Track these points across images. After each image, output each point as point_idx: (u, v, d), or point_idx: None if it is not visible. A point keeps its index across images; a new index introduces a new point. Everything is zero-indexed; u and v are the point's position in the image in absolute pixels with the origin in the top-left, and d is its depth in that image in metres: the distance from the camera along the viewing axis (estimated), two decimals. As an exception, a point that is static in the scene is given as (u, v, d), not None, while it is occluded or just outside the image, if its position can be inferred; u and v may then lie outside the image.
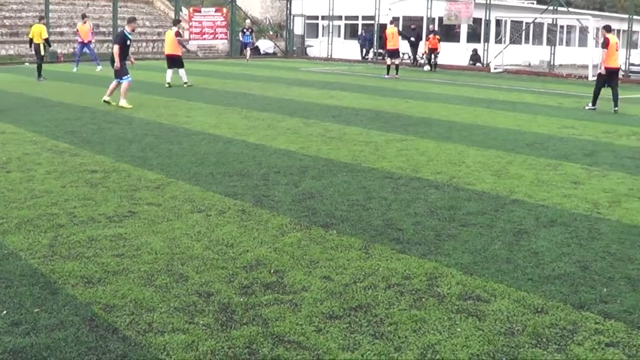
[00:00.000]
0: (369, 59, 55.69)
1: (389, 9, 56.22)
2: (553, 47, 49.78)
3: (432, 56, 44.86)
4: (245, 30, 49.43)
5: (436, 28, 50.15)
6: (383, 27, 54.73)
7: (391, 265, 7.74)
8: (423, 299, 6.80)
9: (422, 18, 52.99)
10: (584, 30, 55.66)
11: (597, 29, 48.75)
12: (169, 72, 28.53)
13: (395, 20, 45.39)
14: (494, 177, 12.41)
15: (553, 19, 51.85)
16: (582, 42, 60.38)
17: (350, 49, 58.16)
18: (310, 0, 61.00)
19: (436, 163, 13.46)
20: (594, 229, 9.42)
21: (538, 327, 6.27)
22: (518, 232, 9.11)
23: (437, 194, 11.06)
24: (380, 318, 6.33)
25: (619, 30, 68.48)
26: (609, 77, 24.24)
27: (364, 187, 11.29)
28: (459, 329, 6.16)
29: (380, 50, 54.25)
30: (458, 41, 54.85)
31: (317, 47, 61.79)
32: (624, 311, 6.71)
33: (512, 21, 55.20)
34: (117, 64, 21.04)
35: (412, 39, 48.57)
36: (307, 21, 62.75)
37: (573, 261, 8.10)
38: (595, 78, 38.47)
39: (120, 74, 21.23)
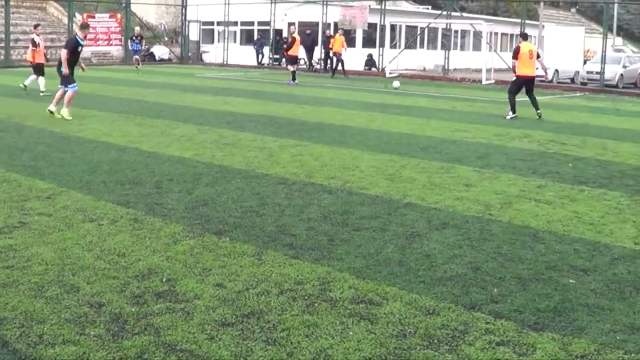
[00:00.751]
0: (265, 65, 55.67)
1: (285, 14, 56.32)
2: (447, 51, 50.46)
3: (335, 60, 44.61)
4: (134, 38, 47.45)
5: (332, 33, 50.43)
6: (278, 32, 54.99)
7: (284, 271, 7.74)
8: (316, 304, 6.81)
9: (317, 23, 53.13)
10: (477, 35, 56.44)
11: (490, 33, 49.71)
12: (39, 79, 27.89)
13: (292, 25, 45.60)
14: (387, 181, 12.52)
15: (447, 24, 52.52)
16: (476, 47, 61.29)
17: (246, 55, 58.08)
18: (205, 6, 60.70)
19: (330, 168, 13.51)
20: (486, 231, 9.58)
21: (430, 328, 6.34)
22: (410, 235, 9.20)
23: (331, 198, 11.10)
24: (273, 324, 6.32)
25: (512, 35, 69.88)
26: (524, 85, 24.53)
27: (257, 194, 11.28)
28: (351, 333, 6.18)
29: (277, 56, 54.44)
30: (354, 46, 55.16)
31: (212, 53, 61.54)
32: (514, 310, 6.83)
33: (406, 26, 55.80)
34: (65, 70, 20.42)
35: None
36: (202, 27, 62.44)
37: (465, 262, 8.22)
38: (492, 82, 39.26)
39: (66, 82, 20.60)
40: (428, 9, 68.28)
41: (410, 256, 8.36)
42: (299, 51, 38.24)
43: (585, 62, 47.77)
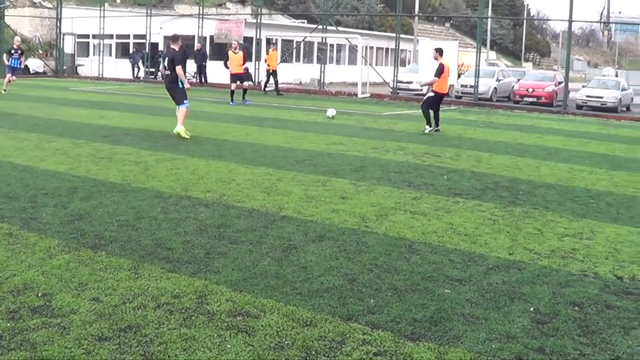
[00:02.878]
0: (141, 78, 55.21)
1: (161, 28, 55.97)
2: (323, 65, 50.79)
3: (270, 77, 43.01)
4: (13, 51, 36.65)
5: (206, 47, 50.32)
6: (154, 45, 54.58)
7: (161, 284, 7.67)
8: (193, 317, 6.76)
9: (193, 37, 52.91)
10: (353, 49, 56.95)
11: (366, 47, 50.21)
12: None
13: (202, 41, 45.24)
14: (263, 194, 12.51)
15: (323, 38, 52.91)
16: (352, 61, 61.85)
17: (122, 68, 57.50)
18: (80, 18, 59.92)
19: (206, 181, 13.43)
20: (362, 242, 9.65)
21: (307, 340, 6.35)
22: (287, 248, 9.21)
23: (207, 212, 11.03)
24: (150, 338, 6.26)
25: (387, 49, 70.80)
26: (438, 101, 24.78)
27: (133, 207, 11.14)
28: (229, 346, 6.16)
29: (153, 69, 54.01)
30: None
31: (88, 66, 60.79)
32: (391, 321, 6.89)
33: (282, 40, 55.95)
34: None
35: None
36: (77, 40, 61.63)
37: (341, 274, 8.26)
38: (367, 96, 39.65)
39: None
40: (304, 22, 68.59)
41: (287, 268, 8.37)
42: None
43: (459, 76, 48.65)
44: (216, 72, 49.41)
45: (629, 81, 58.53)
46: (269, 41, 46.45)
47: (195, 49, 49.89)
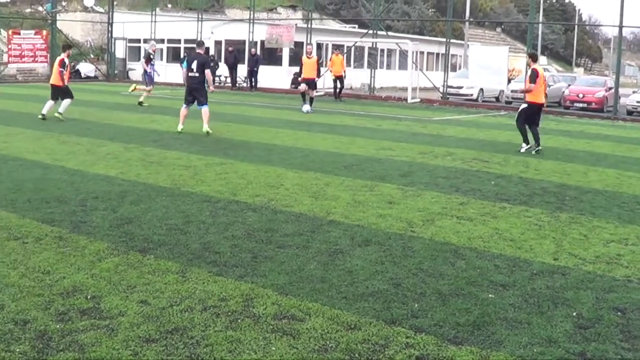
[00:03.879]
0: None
1: (212, 32, 56.33)
2: (373, 70, 50.78)
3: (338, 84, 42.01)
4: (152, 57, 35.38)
5: (258, 52, 50.57)
6: (205, 50, 54.76)
7: (208, 287, 7.78)
8: (239, 320, 6.86)
9: (244, 41, 53.18)
10: (403, 54, 56.93)
11: (416, 52, 50.14)
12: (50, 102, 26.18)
13: (254, 46, 45.79)
14: (311, 198, 12.62)
15: (373, 43, 52.88)
16: (402, 66, 61.76)
17: (173, 73, 57.89)
18: (132, 23, 60.42)
19: (255, 186, 13.56)
20: (408, 247, 9.72)
21: (351, 343, 6.43)
22: (333, 252, 9.30)
23: (255, 216, 11.16)
24: (197, 340, 6.37)
25: (437, 54, 70.65)
26: (534, 113, 21.50)
27: (182, 211, 11.29)
28: (273, 348, 6.25)
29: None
30: (280, 64, 55.34)
31: (139, 70, 61.22)
32: (434, 325, 6.96)
33: (333, 45, 56.00)
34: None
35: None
36: (129, 44, 62.13)
37: (386, 279, 8.33)
38: (417, 101, 39.62)
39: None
40: (355, 27, 68.65)
41: (332, 272, 8.46)
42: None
43: (509, 81, 48.46)
44: (266, 76, 49.73)
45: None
46: (335, 47, 46.44)
47: (250, 53, 50.04)
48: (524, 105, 21.50)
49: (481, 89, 46.90)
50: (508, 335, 6.82)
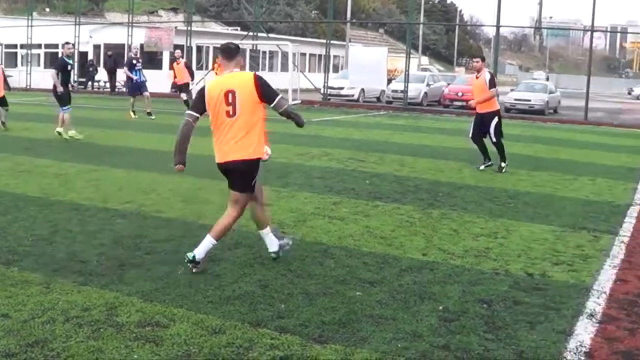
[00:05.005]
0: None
1: (90, 37, 55.61)
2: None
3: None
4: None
5: (138, 54, 50.05)
6: (83, 54, 54.07)
7: (71, 298, 7.63)
8: (101, 329, 6.74)
9: (123, 45, 52.59)
10: (285, 56, 57.06)
11: (297, 54, 50.28)
12: None
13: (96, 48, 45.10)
14: (183, 203, 12.53)
15: (254, 45, 52.91)
16: (285, 67, 61.87)
17: (51, 79, 56.82)
18: (7, 28, 59.19)
19: (126, 192, 13.38)
20: (277, 249, 9.69)
21: (215, 347, 6.38)
22: (202, 257, 9.22)
23: (124, 223, 11.01)
24: (57, 352, 6.23)
25: (319, 55, 71.00)
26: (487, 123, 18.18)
27: (50, 221, 11.04)
28: (135, 356, 6.16)
29: (83, 79, 53.55)
30: (160, 68, 54.91)
31: (16, 77, 60.04)
32: (300, 325, 6.96)
33: (214, 47, 55.69)
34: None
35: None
36: (5, 50, 60.89)
37: (254, 281, 8.32)
38: (298, 102, 39.59)
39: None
40: (237, 30, 68.50)
41: (200, 277, 8.39)
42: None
43: (390, 81, 49.02)
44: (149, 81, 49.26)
45: (560, 84, 59.28)
46: (217, 50, 46.16)
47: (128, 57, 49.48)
48: (496, 120, 18.07)
49: (362, 90, 47.35)
50: (373, 331, 6.85)
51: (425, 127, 30.74)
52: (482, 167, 17.72)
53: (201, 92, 8.94)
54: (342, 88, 47.57)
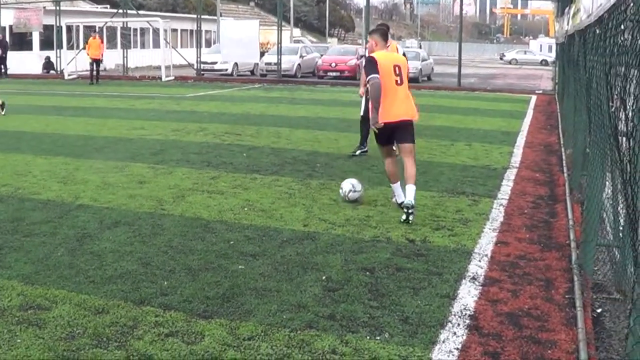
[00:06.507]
0: None
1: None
2: (126, 50, 50.20)
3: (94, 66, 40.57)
4: None
5: (6, 37, 48.87)
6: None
7: (-52, 286, 7.49)
8: (-18, 315, 6.65)
9: (-8, 27, 51.33)
10: (156, 32, 56.46)
11: (167, 30, 49.81)
12: None
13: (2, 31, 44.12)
14: (60, 184, 12.32)
15: (124, 22, 52.23)
16: (157, 44, 61.19)
17: None
18: None
19: (1, 176, 13.06)
20: (157, 225, 9.68)
21: (99, 327, 6.34)
22: (82, 237, 9.13)
23: (1, 207, 10.76)
24: (-63, 340, 6.13)
25: (191, 31, 70.42)
26: None
27: None
28: (19, 340, 6.08)
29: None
30: (31, 49, 53.82)
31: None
32: (184, 301, 6.97)
33: (84, 26, 54.78)
34: None
35: None
36: None
37: (135, 259, 8.27)
38: (171, 79, 39.39)
39: None
40: (107, 8, 67.40)
41: (80, 258, 8.31)
42: None
43: (262, 54, 48.98)
44: (17, 62, 48.18)
45: (432, 52, 60.00)
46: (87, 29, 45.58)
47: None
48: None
49: (236, 64, 47.20)
50: (258, 304, 6.90)
51: (301, 98, 30.85)
52: (357, 153, 16.79)
53: (373, 60, 10.51)
54: (215, 63, 47.33)
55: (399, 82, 10.53)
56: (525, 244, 9.18)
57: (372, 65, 10.47)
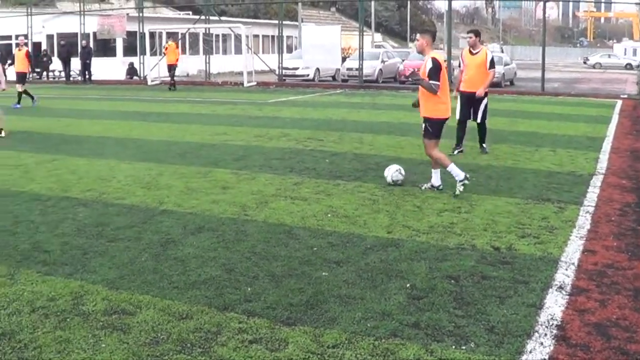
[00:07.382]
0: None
1: (43, 27, 55.06)
2: (208, 56, 50.61)
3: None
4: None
5: (91, 44, 49.61)
6: (37, 45, 53.50)
7: (36, 288, 7.56)
8: (68, 319, 6.69)
9: (76, 34, 52.13)
10: (238, 38, 56.84)
11: (250, 36, 50.11)
12: None
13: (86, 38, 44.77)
14: (144, 189, 12.43)
15: (206, 29, 52.68)
16: (238, 50, 61.60)
17: (7, 70, 56.15)
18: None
19: (86, 181, 13.26)
20: (241, 231, 9.69)
21: (183, 333, 6.35)
22: (166, 242, 9.19)
23: (86, 211, 10.91)
24: (25, 343, 6.17)
25: (272, 37, 70.76)
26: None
27: (11, 212, 10.91)
28: (103, 345, 6.11)
29: (38, 70, 52.85)
30: (114, 55, 54.57)
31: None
32: (267, 307, 6.93)
33: (167, 32, 55.43)
34: None
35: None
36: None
37: (219, 264, 8.28)
38: (253, 84, 39.57)
39: None
40: (189, 14, 68.08)
41: (164, 263, 8.35)
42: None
43: (344, 60, 48.99)
44: (101, 68, 48.90)
45: (515, 56, 59.38)
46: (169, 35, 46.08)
47: (82, 46, 49.00)
48: (486, 100, 17.31)
49: (317, 69, 47.26)
50: (342, 312, 6.84)
51: (383, 104, 30.76)
52: (455, 153, 16.44)
53: (438, 65, 11.76)
54: (297, 68, 47.46)
55: (448, 81, 12.28)
56: (612, 253, 8.96)
57: (437, 70, 11.81)
